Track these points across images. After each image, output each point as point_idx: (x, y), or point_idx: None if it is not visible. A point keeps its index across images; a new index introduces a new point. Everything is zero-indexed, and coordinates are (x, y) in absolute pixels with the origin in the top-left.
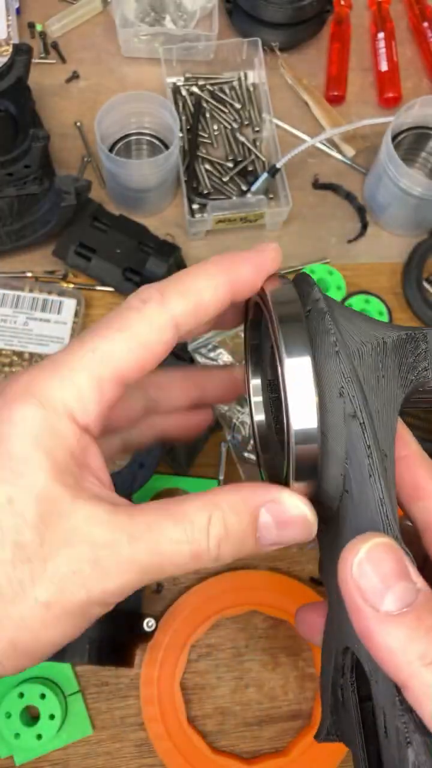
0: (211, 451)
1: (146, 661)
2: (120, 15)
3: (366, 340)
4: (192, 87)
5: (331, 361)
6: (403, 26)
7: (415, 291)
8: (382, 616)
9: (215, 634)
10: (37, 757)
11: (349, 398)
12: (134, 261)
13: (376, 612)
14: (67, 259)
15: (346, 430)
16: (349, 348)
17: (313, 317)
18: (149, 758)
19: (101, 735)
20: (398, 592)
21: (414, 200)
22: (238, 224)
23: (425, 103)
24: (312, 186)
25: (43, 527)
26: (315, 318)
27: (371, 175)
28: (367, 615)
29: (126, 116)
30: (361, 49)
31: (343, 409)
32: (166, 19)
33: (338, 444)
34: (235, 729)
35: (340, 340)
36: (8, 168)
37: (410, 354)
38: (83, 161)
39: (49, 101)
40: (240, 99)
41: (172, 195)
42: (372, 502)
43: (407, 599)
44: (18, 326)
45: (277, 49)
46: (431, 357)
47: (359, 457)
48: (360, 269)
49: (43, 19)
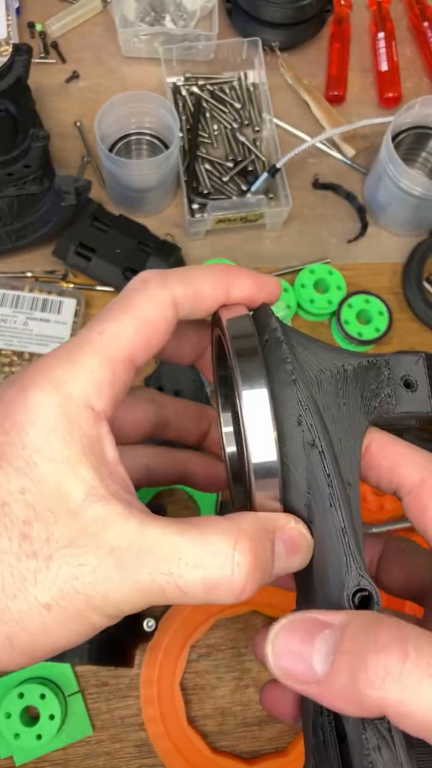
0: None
1: (146, 661)
2: (120, 15)
3: (325, 367)
4: (192, 87)
5: (288, 390)
6: (404, 26)
7: (415, 291)
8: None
9: (215, 635)
10: (37, 757)
11: (307, 426)
12: (134, 261)
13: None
14: (67, 259)
15: (305, 459)
16: (307, 376)
17: (270, 347)
18: (149, 758)
19: (101, 735)
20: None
21: (414, 200)
22: (238, 224)
23: (425, 103)
24: (312, 186)
25: (52, 523)
26: (272, 348)
27: (371, 175)
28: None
29: (126, 116)
30: (361, 49)
31: (302, 438)
32: (166, 18)
33: (299, 474)
34: (235, 729)
35: (296, 368)
36: (8, 168)
37: (372, 381)
38: (83, 161)
39: (49, 101)
40: (240, 99)
41: (172, 195)
42: (334, 531)
43: (330, 647)
44: (18, 326)
45: (277, 49)
46: (394, 384)
47: (320, 486)
48: (360, 269)
49: (43, 19)
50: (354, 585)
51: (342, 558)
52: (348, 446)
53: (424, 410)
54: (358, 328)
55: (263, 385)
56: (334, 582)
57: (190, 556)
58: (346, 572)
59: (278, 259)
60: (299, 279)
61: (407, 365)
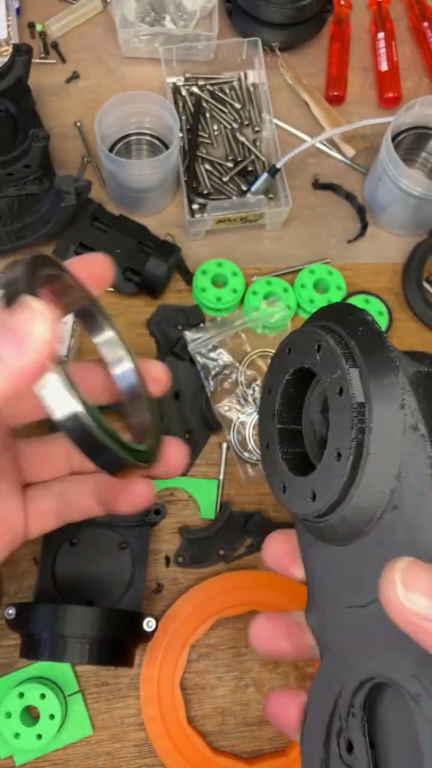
0: (211, 451)
1: (146, 661)
2: (120, 15)
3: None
4: (192, 87)
5: (391, 375)
6: (403, 26)
7: (415, 291)
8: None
9: (215, 634)
10: (37, 757)
11: (410, 411)
12: (134, 261)
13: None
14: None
15: (404, 443)
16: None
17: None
18: (149, 758)
19: (101, 735)
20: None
21: (414, 200)
22: (238, 224)
23: (425, 103)
24: (312, 186)
25: None
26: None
27: (371, 175)
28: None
29: (126, 116)
30: (361, 49)
31: (403, 421)
32: (166, 19)
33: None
34: (235, 729)
35: (399, 356)
36: (8, 168)
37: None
38: (83, 161)
39: (49, 101)
40: (240, 99)
41: (172, 195)
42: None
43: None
44: None
45: (277, 49)
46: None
47: (418, 470)
48: (360, 269)
49: (43, 19)
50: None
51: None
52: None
53: None
54: None
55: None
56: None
57: None
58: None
59: (278, 259)
60: (299, 279)
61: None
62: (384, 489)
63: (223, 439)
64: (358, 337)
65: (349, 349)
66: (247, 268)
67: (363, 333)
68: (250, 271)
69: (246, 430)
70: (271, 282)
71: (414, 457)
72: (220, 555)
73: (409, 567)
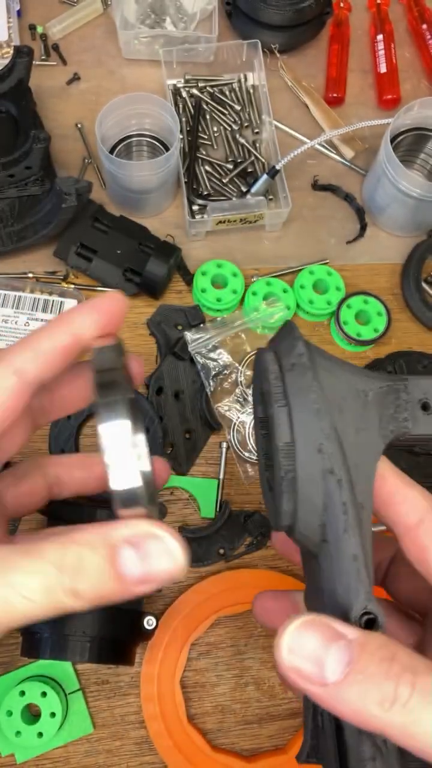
0: (211, 451)
1: (146, 659)
2: (120, 17)
3: (347, 393)
4: (192, 89)
5: (312, 418)
6: (402, 28)
7: (414, 292)
8: (331, 687)
9: (215, 633)
10: (38, 755)
11: (327, 455)
12: (135, 262)
13: (325, 687)
14: (68, 260)
15: (323, 484)
16: (330, 403)
17: (296, 372)
18: (149, 756)
19: (102, 733)
20: (334, 657)
21: (413, 201)
22: (238, 225)
23: (424, 105)
24: (311, 187)
25: None
26: (298, 373)
27: (370, 176)
28: (319, 693)
29: (126, 118)
30: (360, 51)
31: (322, 465)
32: (166, 21)
33: (316, 496)
34: (234, 727)
35: (321, 397)
36: (9, 169)
37: (391, 405)
38: (84, 163)
39: (49, 103)
40: (240, 101)
41: (172, 196)
42: (346, 556)
43: (345, 658)
44: (19, 327)
45: (277, 51)
46: (411, 406)
47: (336, 512)
48: (359, 270)
49: (44, 21)
50: (361, 608)
51: (352, 582)
52: (364, 470)
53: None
54: (356, 328)
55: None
56: (343, 600)
57: (26, 566)
58: (355, 595)
59: (278, 259)
60: (298, 280)
61: (426, 387)
62: (315, 522)
63: (223, 439)
64: (291, 372)
65: (284, 385)
66: (246, 268)
67: (295, 368)
68: (249, 271)
69: (246, 429)
70: (271, 283)
71: (332, 500)
72: (220, 554)
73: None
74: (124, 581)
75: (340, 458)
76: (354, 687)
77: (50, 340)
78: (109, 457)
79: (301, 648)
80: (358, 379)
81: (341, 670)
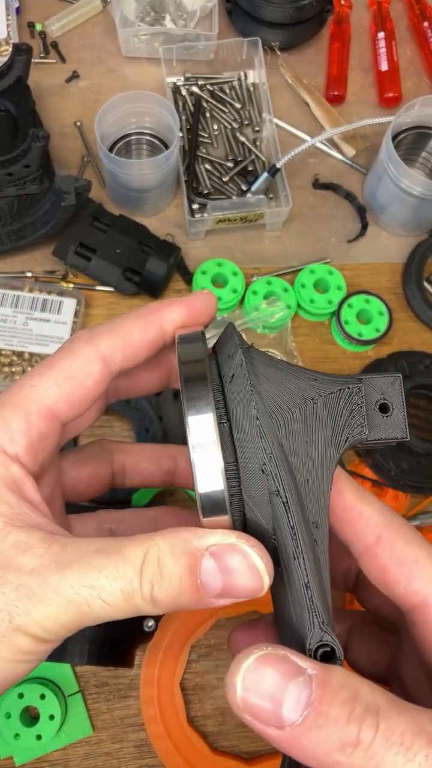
0: None
1: (146, 661)
2: (120, 15)
3: (294, 403)
4: (192, 87)
5: (252, 437)
6: (403, 26)
7: (415, 291)
8: (288, 732)
9: (215, 635)
10: (37, 757)
11: (271, 476)
12: (134, 261)
13: (282, 730)
14: (67, 259)
15: (270, 507)
16: (273, 419)
17: (235, 385)
18: (149, 759)
19: (101, 735)
20: (291, 698)
21: (414, 200)
22: (238, 224)
23: (425, 103)
24: (312, 186)
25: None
26: (238, 386)
27: (371, 174)
28: (275, 736)
29: (126, 116)
30: (361, 48)
31: (266, 486)
32: (166, 18)
33: (264, 519)
34: (235, 729)
35: (262, 412)
36: (8, 168)
37: (344, 410)
38: (83, 161)
39: (49, 101)
40: (240, 99)
41: (172, 195)
42: (298, 584)
43: (303, 698)
44: (18, 326)
45: (277, 49)
46: (368, 409)
47: (285, 536)
48: (360, 269)
49: (43, 19)
50: (317, 641)
51: (304, 613)
52: (316, 486)
53: (399, 436)
54: (358, 328)
55: (209, 410)
56: (300, 630)
57: (109, 569)
58: (309, 627)
59: (278, 259)
60: (299, 279)
61: (383, 387)
62: (268, 545)
63: None
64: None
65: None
66: (247, 267)
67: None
68: (250, 270)
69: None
70: (272, 282)
71: (279, 524)
72: None
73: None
74: (201, 593)
75: (286, 477)
76: (314, 732)
77: (141, 332)
78: (197, 456)
79: (256, 685)
80: (306, 386)
81: (300, 712)
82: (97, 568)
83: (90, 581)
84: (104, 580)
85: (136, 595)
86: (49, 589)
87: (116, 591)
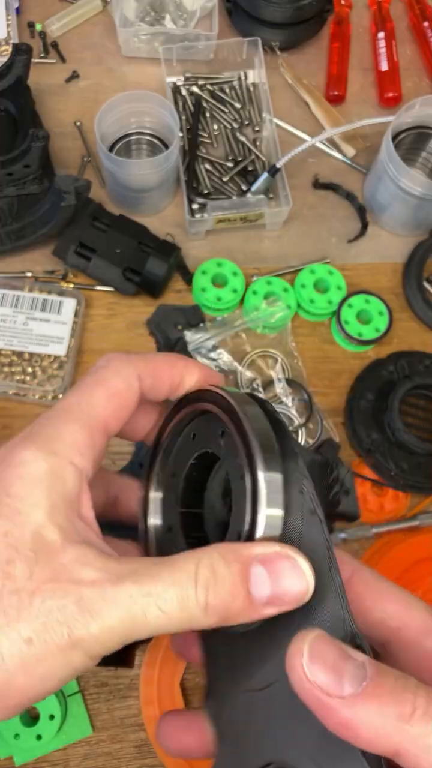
0: None
1: (146, 661)
2: (120, 15)
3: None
4: (192, 87)
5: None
6: (404, 26)
7: (416, 291)
8: (348, 701)
9: None
10: (37, 757)
11: (309, 496)
12: (134, 261)
13: (343, 700)
14: (67, 259)
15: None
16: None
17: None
18: (149, 759)
19: (101, 735)
20: (350, 673)
21: (414, 200)
22: (238, 224)
23: (425, 103)
24: (312, 186)
25: (34, 562)
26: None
27: (371, 174)
28: (336, 707)
29: (126, 116)
30: (361, 48)
31: (302, 506)
32: (166, 18)
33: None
34: None
35: (297, 443)
36: (8, 168)
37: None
38: (83, 161)
39: (48, 101)
40: (240, 99)
41: (172, 195)
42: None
43: (360, 675)
44: (18, 326)
45: (277, 49)
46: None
47: (318, 551)
48: (360, 269)
49: (43, 19)
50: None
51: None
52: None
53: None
54: (358, 328)
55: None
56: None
57: (164, 577)
58: (345, 628)
59: (278, 259)
60: (299, 279)
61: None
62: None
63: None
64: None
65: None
66: (247, 267)
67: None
68: (250, 270)
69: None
70: (272, 282)
71: (314, 540)
72: None
73: (318, 640)
74: (252, 600)
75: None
76: (373, 702)
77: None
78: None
79: (320, 657)
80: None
81: (359, 683)
82: (153, 577)
83: (148, 589)
84: (161, 587)
85: (191, 602)
86: (109, 600)
87: (172, 597)
